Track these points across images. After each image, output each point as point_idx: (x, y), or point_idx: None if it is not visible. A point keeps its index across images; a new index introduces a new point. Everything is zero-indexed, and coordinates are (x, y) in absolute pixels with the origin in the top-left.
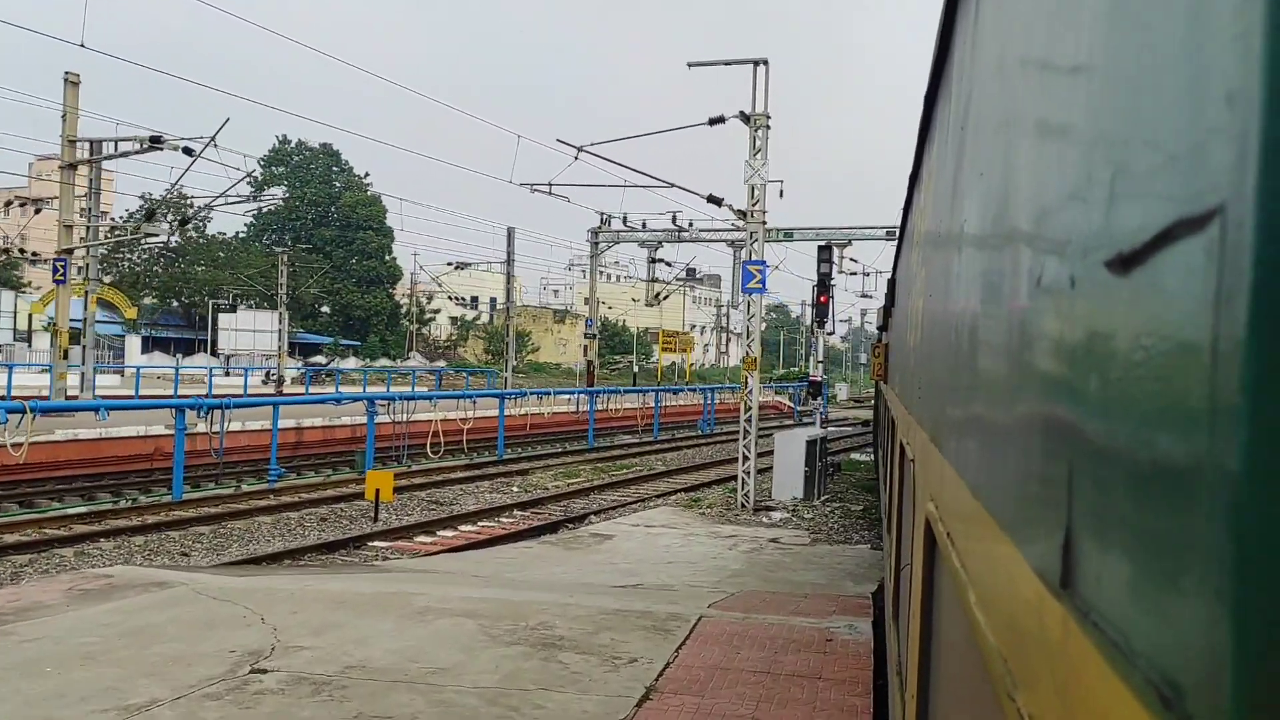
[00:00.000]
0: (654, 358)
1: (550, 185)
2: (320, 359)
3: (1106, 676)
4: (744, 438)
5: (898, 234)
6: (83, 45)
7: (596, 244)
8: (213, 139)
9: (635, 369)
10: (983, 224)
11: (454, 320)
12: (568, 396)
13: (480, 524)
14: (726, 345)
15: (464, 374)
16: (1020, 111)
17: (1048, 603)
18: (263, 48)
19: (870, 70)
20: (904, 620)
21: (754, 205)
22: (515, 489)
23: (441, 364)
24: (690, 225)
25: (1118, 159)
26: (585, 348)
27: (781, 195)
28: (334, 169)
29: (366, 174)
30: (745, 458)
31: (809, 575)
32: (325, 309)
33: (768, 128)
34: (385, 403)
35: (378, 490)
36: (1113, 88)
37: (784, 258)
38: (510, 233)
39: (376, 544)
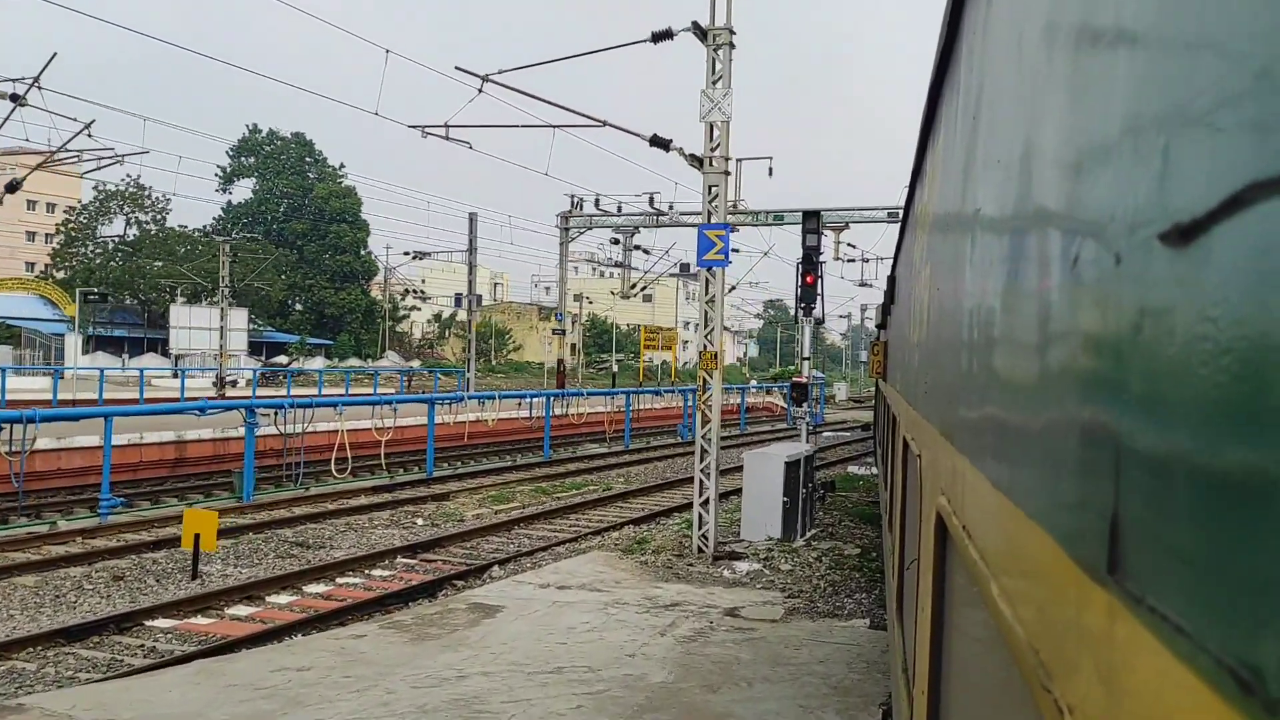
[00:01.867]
0: (645, 356)
1: (447, 126)
2: (283, 359)
3: (1166, 662)
4: (701, 459)
5: (899, 229)
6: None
7: (567, 229)
8: (36, 80)
9: (615, 368)
10: (1003, 210)
11: (436, 318)
12: (519, 400)
13: (340, 581)
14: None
15: (436, 374)
16: (1048, 78)
17: (1090, 590)
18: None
19: (864, 54)
20: (910, 617)
21: (713, 149)
22: (421, 521)
23: (415, 363)
24: (670, 208)
25: (1174, 119)
26: (573, 345)
27: (771, 174)
28: (307, 159)
29: (341, 165)
30: (703, 487)
31: (770, 697)
32: (298, 306)
33: (731, 46)
34: (271, 411)
35: (197, 537)
36: (1167, 34)
37: (773, 244)
38: (472, 219)
39: (159, 623)
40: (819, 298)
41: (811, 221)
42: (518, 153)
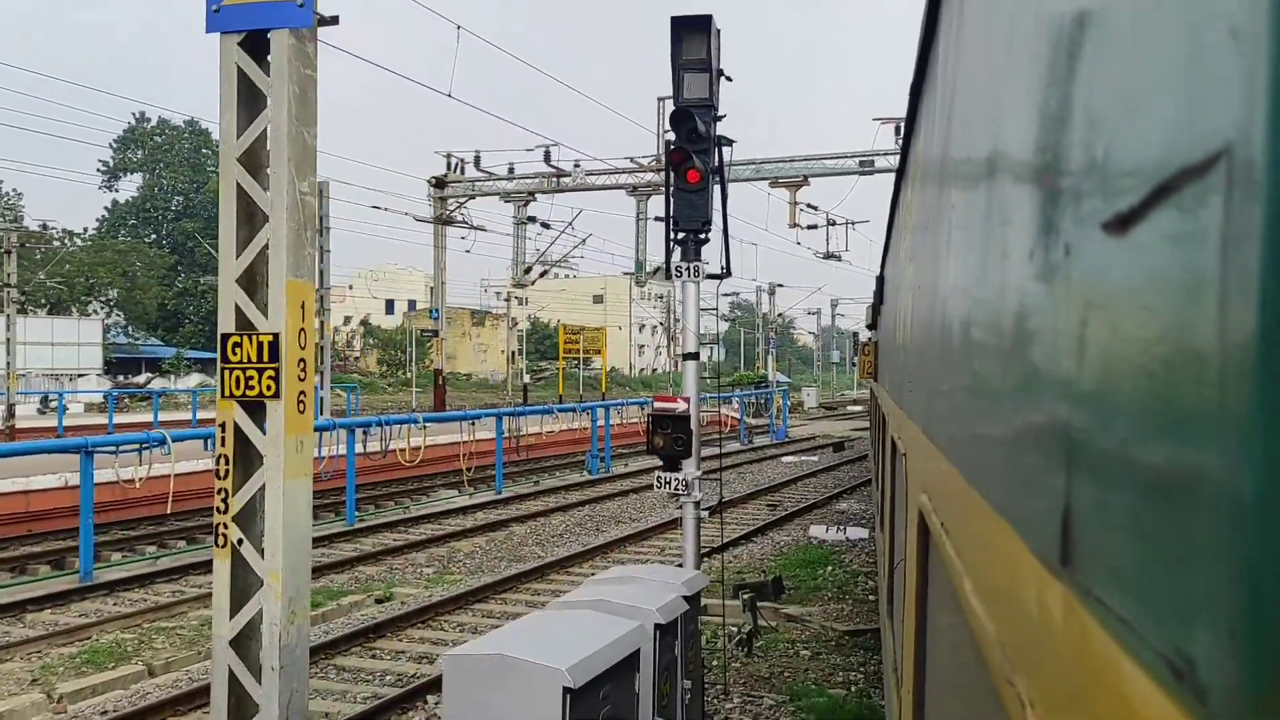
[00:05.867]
0: (595, 364)
1: None
2: (142, 378)
3: (1112, 652)
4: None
5: (885, 228)
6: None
7: (443, 199)
8: None
9: (525, 379)
10: (971, 209)
11: (365, 325)
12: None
13: None
14: (669, 345)
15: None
16: (1008, 84)
17: (1047, 583)
18: None
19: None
20: (899, 616)
21: None
22: None
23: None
24: (576, 167)
25: (1114, 113)
26: (513, 353)
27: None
28: (203, 150)
29: None
30: None
31: None
32: (192, 314)
33: None
34: None
35: None
36: (1107, 38)
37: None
38: (321, 189)
39: None
40: (716, 221)
41: (696, 39)
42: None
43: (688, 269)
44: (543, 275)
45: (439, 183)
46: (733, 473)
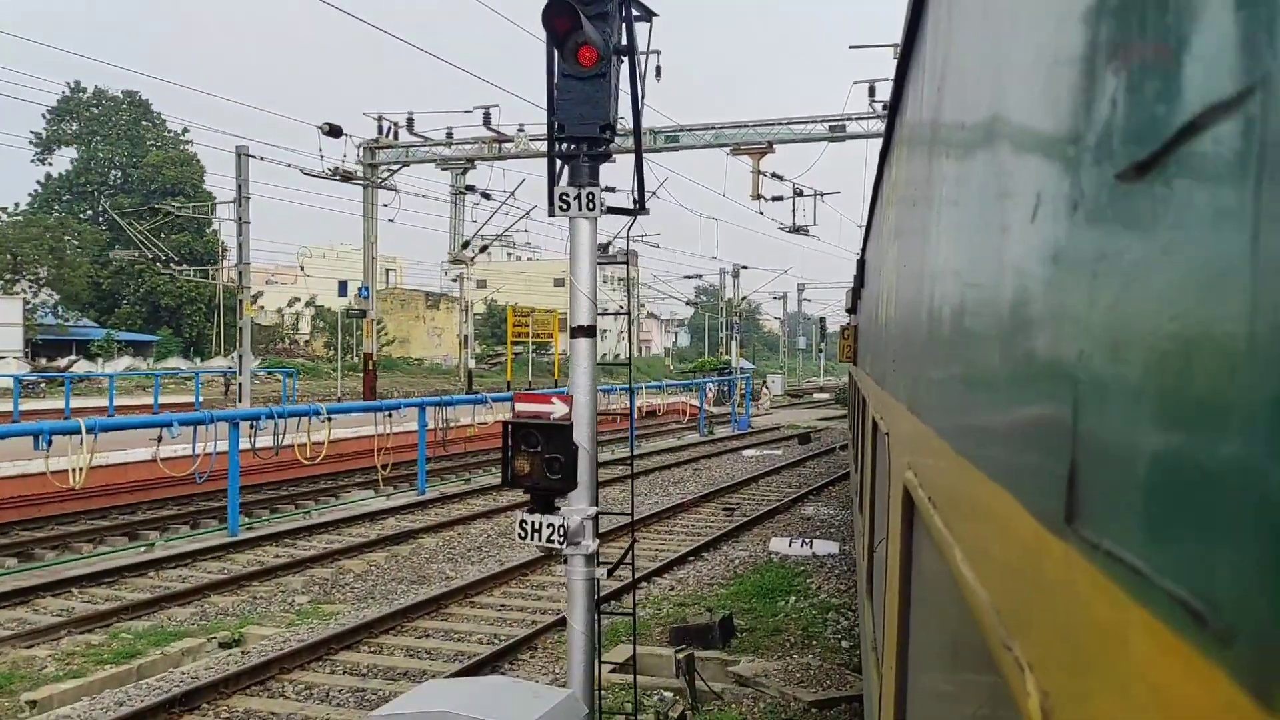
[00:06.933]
0: (552, 349)
1: None
2: (63, 361)
3: (1123, 603)
4: None
5: (867, 211)
6: None
7: (374, 165)
8: None
9: (471, 365)
10: (972, 172)
11: (317, 309)
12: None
13: None
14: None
15: (218, 374)
16: (1014, 33)
17: (1049, 543)
18: None
19: None
20: (879, 594)
21: None
22: None
23: (255, 363)
24: (520, 131)
25: (1136, 50)
26: (466, 338)
27: (659, 76)
28: (143, 123)
29: (185, 130)
30: None
31: None
32: (129, 294)
33: None
34: None
35: None
36: None
37: (665, 178)
38: (240, 155)
39: None
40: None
41: None
42: None
43: (577, 197)
44: (483, 250)
45: (333, 131)
46: (688, 469)
